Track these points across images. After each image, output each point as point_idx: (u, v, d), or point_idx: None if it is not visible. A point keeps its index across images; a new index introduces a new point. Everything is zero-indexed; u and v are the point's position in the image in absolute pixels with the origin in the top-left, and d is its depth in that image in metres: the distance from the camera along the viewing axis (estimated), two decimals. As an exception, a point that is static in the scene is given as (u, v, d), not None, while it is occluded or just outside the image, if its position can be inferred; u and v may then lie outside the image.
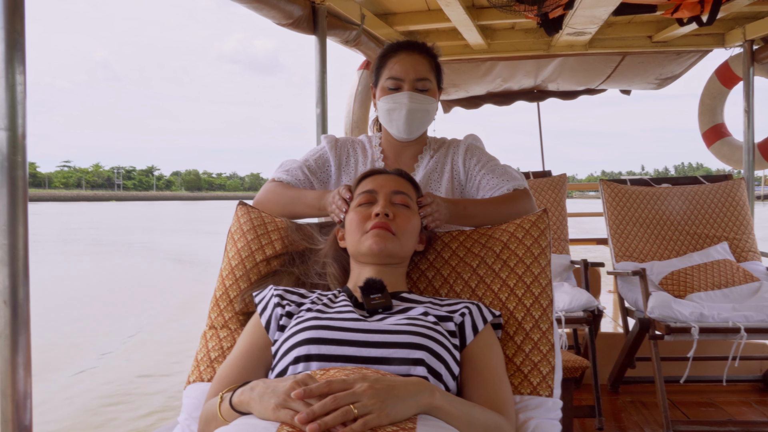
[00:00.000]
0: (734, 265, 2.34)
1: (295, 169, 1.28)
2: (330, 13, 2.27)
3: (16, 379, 0.96)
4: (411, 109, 1.22)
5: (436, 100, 1.26)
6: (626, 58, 3.22)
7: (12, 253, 0.96)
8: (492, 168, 1.26)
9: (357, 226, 0.99)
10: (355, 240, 0.99)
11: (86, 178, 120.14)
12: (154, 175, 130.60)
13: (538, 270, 1.04)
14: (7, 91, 0.96)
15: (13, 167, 0.97)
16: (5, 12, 0.96)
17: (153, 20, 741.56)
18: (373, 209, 0.99)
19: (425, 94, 1.23)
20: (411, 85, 1.22)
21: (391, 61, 1.24)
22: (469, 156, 1.29)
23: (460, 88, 3.57)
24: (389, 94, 1.23)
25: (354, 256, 1.01)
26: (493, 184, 1.23)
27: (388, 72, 1.24)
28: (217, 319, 1.08)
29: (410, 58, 1.23)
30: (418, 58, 1.23)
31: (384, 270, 0.98)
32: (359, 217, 1.00)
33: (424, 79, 1.23)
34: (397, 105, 1.22)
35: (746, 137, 2.99)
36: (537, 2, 2.06)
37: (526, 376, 0.96)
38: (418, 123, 1.24)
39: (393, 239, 0.96)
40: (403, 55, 1.24)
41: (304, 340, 0.82)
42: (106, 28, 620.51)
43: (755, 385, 2.52)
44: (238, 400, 0.76)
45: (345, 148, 1.32)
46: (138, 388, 4.11)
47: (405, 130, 1.24)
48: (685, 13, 2.24)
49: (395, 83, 1.23)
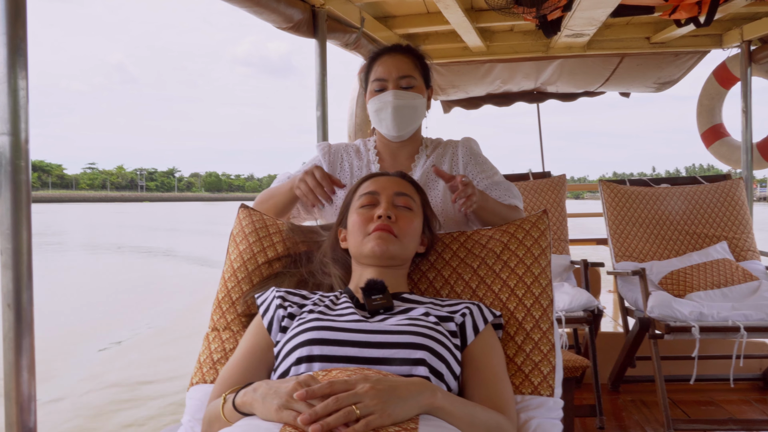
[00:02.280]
0: (733, 264, 2.34)
1: (286, 177, 1.33)
2: (330, 17, 2.28)
3: (20, 382, 0.97)
4: (396, 105, 1.23)
5: (423, 97, 1.27)
6: (624, 59, 3.23)
7: (15, 256, 0.97)
8: (497, 181, 1.30)
9: (359, 228, 1.00)
10: (358, 242, 0.99)
11: (111, 180, 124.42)
12: (175, 177, 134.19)
13: (539, 270, 1.04)
14: (10, 96, 0.97)
15: (17, 171, 0.97)
16: (7, 17, 0.96)
17: (167, 24, 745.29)
18: (376, 211, 1.00)
19: (410, 91, 1.25)
20: (395, 84, 1.24)
21: (375, 64, 1.28)
22: (473, 162, 1.31)
23: (459, 90, 3.58)
24: (375, 96, 1.26)
25: (356, 258, 1.02)
26: (497, 195, 1.27)
27: (373, 75, 1.27)
28: (219, 320, 1.09)
29: (392, 59, 1.26)
30: (400, 57, 1.26)
31: (385, 271, 0.98)
32: (361, 219, 1.00)
33: (407, 77, 1.25)
34: (383, 104, 1.24)
35: (744, 137, 3.00)
36: (535, 4, 2.07)
37: (527, 376, 0.97)
38: (406, 119, 1.26)
39: (395, 241, 0.97)
40: (385, 57, 1.27)
41: (306, 340, 0.83)
42: (121, 32, 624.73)
43: (755, 384, 2.53)
44: (241, 401, 0.77)
45: (338, 154, 1.35)
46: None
47: (393, 127, 1.26)
48: (683, 14, 2.25)
49: (380, 84, 1.25)
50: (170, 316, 6.49)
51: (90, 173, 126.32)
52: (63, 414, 3.54)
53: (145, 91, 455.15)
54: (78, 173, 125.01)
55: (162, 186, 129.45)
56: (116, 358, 4.87)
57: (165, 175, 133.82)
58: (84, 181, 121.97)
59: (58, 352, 4.92)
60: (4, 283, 0.97)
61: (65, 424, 3.38)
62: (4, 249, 0.97)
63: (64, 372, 4.41)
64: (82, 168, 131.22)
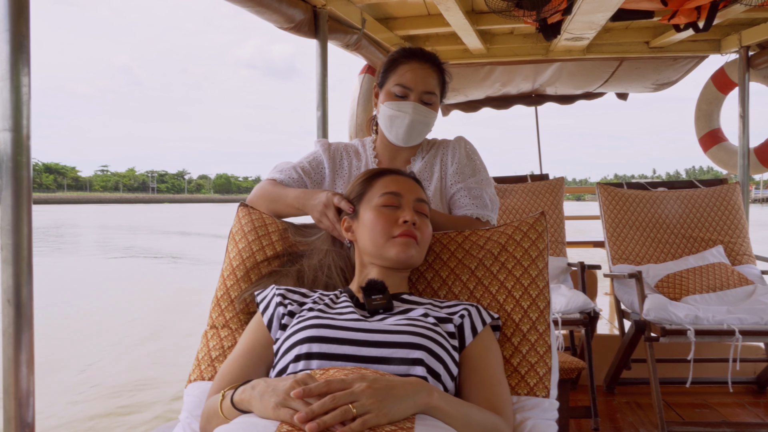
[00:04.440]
0: (729, 268, 2.36)
1: (289, 169, 1.30)
2: (331, 17, 2.29)
3: (20, 377, 0.97)
4: (413, 120, 1.23)
5: (436, 113, 1.27)
6: (623, 63, 3.24)
7: (16, 252, 0.97)
8: (470, 187, 1.26)
9: (382, 229, 0.98)
10: (379, 243, 0.98)
11: (123, 182, 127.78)
12: (185, 179, 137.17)
13: (536, 272, 1.05)
14: (12, 93, 0.97)
15: (18, 168, 0.98)
16: (11, 14, 0.97)
17: (172, 27, 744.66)
18: (400, 215, 0.99)
19: (429, 108, 1.24)
20: (418, 97, 1.23)
21: (403, 67, 1.24)
22: (456, 163, 1.29)
23: (459, 93, 3.59)
24: (395, 101, 1.23)
25: (370, 256, 1.00)
26: (462, 204, 1.25)
27: (398, 78, 1.23)
28: (218, 318, 1.10)
29: (422, 70, 1.23)
30: (429, 71, 1.24)
31: (392, 273, 0.99)
32: (384, 219, 0.98)
33: (431, 93, 1.23)
34: (400, 113, 1.23)
35: (741, 142, 3.02)
36: (536, 7, 2.08)
37: (523, 377, 0.97)
38: (417, 134, 1.26)
39: (416, 248, 0.98)
40: (415, 64, 1.23)
41: (305, 338, 0.83)
42: (127, 35, 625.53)
43: (749, 387, 2.54)
44: (239, 398, 0.77)
45: (338, 152, 1.34)
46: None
47: (404, 139, 1.26)
48: (682, 19, 2.26)
49: (403, 91, 1.23)
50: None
51: (102, 175, 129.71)
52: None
53: (150, 94, 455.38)
54: (91, 175, 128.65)
55: (173, 188, 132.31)
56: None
57: (175, 177, 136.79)
58: (98, 183, 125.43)
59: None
60: (5, 279, 0.97)
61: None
62: (5, 245, 0.98)
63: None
64: (95, 170, 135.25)
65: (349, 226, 1.05)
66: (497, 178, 3.00)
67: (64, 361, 4.62)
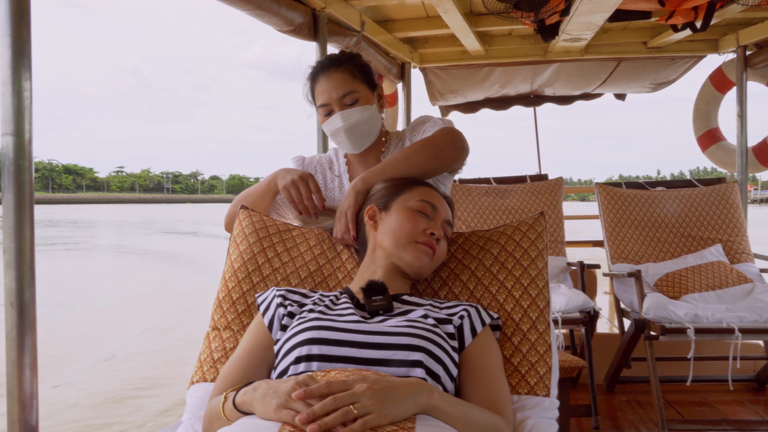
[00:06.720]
0: (728, 266, 2.37)
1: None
2: (330, 20, 2.29)
3: (23, 380, 0.98)
4: (348, 127, 1.24)
5: (371, 104, 1.26)
6: (621, 63, 3.25)
7: (18, 255, 0.98)
8: (421, 130, 1.26)
9: (408, 230, 1.00)
10: (400, 242, 0.99)
11: (139, 182, 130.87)
12: (199, 180, 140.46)
13: (536, 272, 1.06)
14: (14, 97, 0.98)
15: (20, 171, 0.98)
16: (12, 19, 0.97)
17: (180, 29, 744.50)
18: (429, 225, 1.01)
19: (356, 106, 1.24)
20: (339, 105, 1.23)
21: (316, 87, 1.26)
22: (410, 140, 1.30)
23: (458, 94, 3.60)
24: (325, 120, 1.26)
25: (384, 251, 1.01)
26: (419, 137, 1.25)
27: (317, 98, 1.26)
28: (220, 320, 1.10)
29: (329, 80, 1.24)
30: (335, 75, 1.24)
31: (395, 276, 1.01)
32: (414, 223, 1.00)
33: (349, 93, 1.23)
34: (335, 128, 1.25)
35: (739, 141, 3.03)
36: (534, 9, 2.09)
37: (523, 376, 0.98)
38: (363, 135, 1.26)
39: (430, 261, 1.00)
40: (322, 79, 1.25)
41: (305, 340, 0.84)
42: (136, 37, 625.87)
43: (749, 385, 2.55)
44: (241, 400, 0.78)
45: (312, 166, 1.38)
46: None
47: (352, 147, 1.27)
48: (680, 19, 2.27)
49: (325, 108, 1.25)
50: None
51: (118, 176, 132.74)
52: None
53: (159, 95, 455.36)
54: (107, 176, 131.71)
55: (186, 188, 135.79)
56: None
57: (188, 177, 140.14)
58: (114, 183, 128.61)
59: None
60: (8, 282, 0.98)
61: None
62: (7, 248, 0.98)
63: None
64: (110, 171, 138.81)
65: (373, 214, 1.06)
66: (497, 178, 3.01)
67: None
